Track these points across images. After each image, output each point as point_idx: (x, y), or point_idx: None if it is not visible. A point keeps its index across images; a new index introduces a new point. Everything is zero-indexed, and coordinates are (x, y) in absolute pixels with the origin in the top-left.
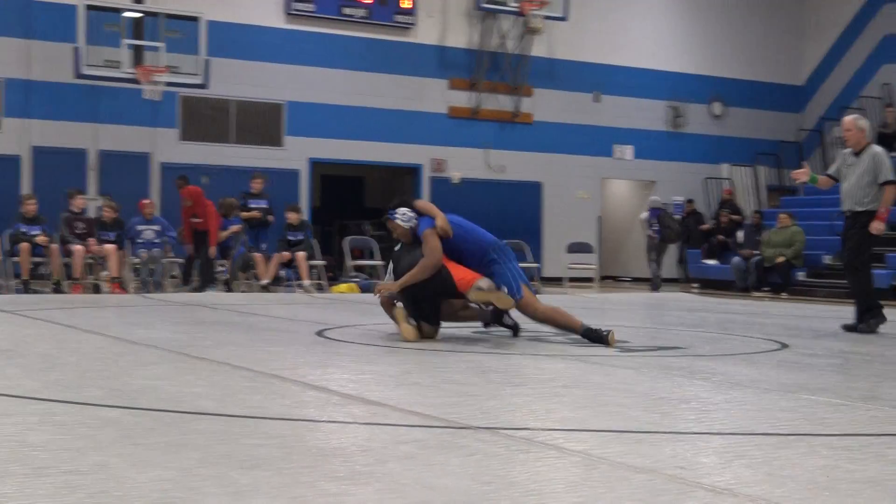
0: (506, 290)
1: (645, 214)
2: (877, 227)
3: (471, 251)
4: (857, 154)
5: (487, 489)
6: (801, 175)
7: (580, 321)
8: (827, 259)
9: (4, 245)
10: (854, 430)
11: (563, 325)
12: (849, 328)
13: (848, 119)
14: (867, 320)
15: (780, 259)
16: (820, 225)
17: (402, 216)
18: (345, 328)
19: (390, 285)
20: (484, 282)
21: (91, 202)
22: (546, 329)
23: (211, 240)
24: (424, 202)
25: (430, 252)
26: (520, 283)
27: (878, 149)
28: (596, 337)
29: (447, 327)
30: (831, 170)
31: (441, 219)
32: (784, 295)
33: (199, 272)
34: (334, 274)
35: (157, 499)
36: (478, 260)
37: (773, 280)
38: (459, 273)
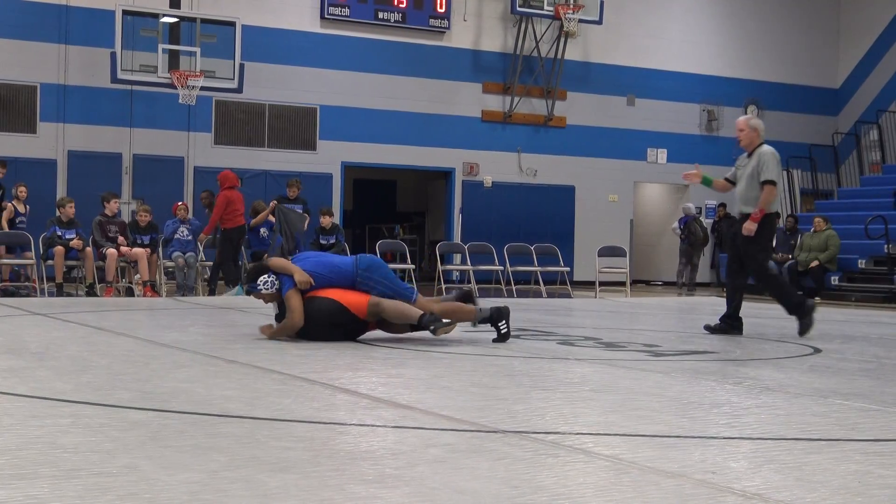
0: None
1: (675, 224)
2: (748, 227)
3: (339, 284)
4: (750, 155)
5: (515, 493)
6: (692, 177)
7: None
8: (861, 263)
9: (39, 248)
10: (887, 435)
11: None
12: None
13: (741, 119)
14: (803, 319)
15: (815, 263)
16: (855, 229)
17: (265, 285)
18: (375, 331)
19: (268, 331)
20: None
21: (125, 206)
22: (575, 333)
23: (207, 228)
24: (278, 261)
25: (290, 314)
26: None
27: (766, 148)
28: (430, 323)
29: (470, 331)
30: (729, 174)
31: (298, 273)
32: (817, 299)
33: (224, 271)
34: None
35: (186, 501)
36: (348, 287)
37: (806, 284)
38: (347, 298)
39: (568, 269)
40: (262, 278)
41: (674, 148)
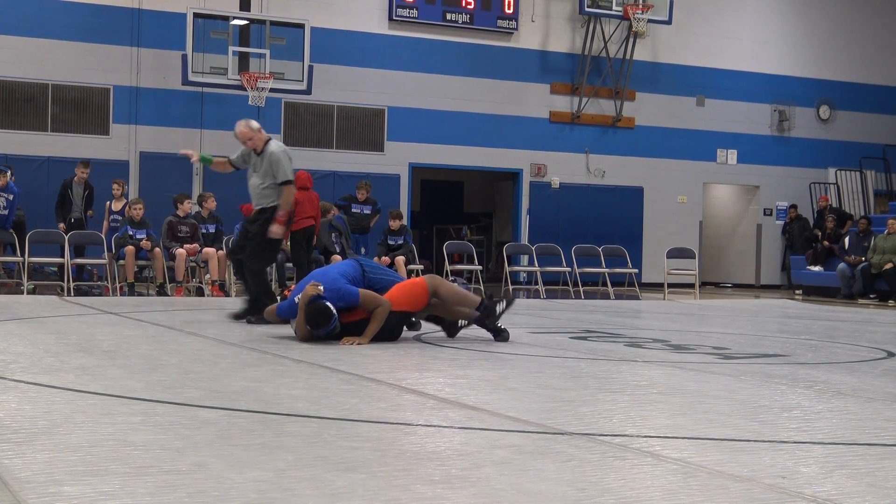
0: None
1: None
2: (275, 230)
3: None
4: (260, 153)
5: (582, 496)
6: (191, 155)
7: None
8: None
9: (111, 248)
10: None
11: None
12: (237, 316)
13: (241, 129)
14: (249, 314)
15: (888, 266)
16: None
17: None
18: (442, 332)
19: (359, 339)
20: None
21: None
22: (643, 335)
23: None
24: (307, 289)
25: (376, 301)
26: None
27: (276, 147)
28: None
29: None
30: (235, 155)
31: (305, 294)
32: (891, 302)
33: (297, 274)
34: None
35: (255, 499)
36: (360, 283)
37: (880, 287)
38: (402, 302)
39: (636, 270)
40: (332, 312)
41: (744, 149)
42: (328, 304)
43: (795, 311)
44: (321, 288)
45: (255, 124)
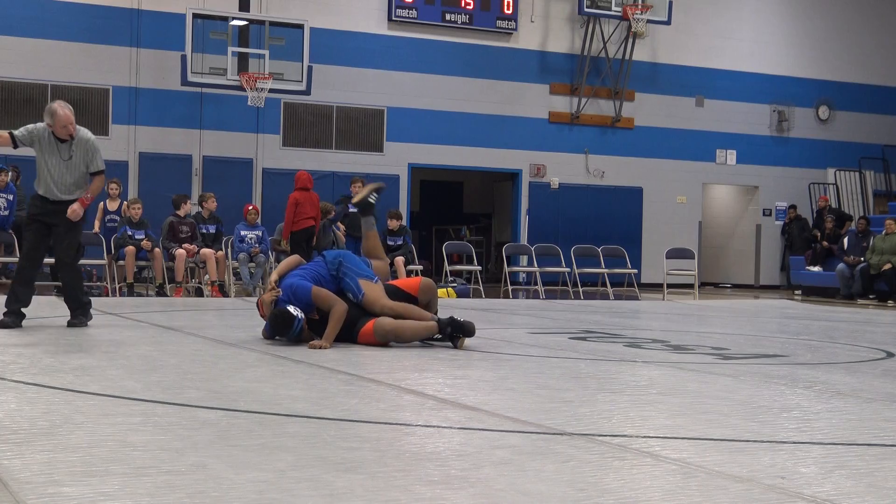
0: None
1: None
2: (77, 209)
3: (325, 286)
4: (69, 140)
5: (581, 496)
6: None
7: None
8: None
9: (111, 248)
10: None
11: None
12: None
13: (66, 113)
14: (79, 316)
15: (887, 266)
16: None
17: (299, 313)
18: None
19: (321, 343)
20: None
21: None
22: (642, 336)
23: (284, 233)
24: (267, 298)
25: (332, 301)
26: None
27: (89, 134)
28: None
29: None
30: (22, 132)
31: (264, 302)
32: (891, 303)
33: None
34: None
35: (254, 500)
36: (329, 282)
37: (879, 287)
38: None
39: (635, 271)
40: (293, 315)
41: (743, 149)
42: (287, 307)
43: (794, 311)
44: (278, 291)
45: (70, 109)
